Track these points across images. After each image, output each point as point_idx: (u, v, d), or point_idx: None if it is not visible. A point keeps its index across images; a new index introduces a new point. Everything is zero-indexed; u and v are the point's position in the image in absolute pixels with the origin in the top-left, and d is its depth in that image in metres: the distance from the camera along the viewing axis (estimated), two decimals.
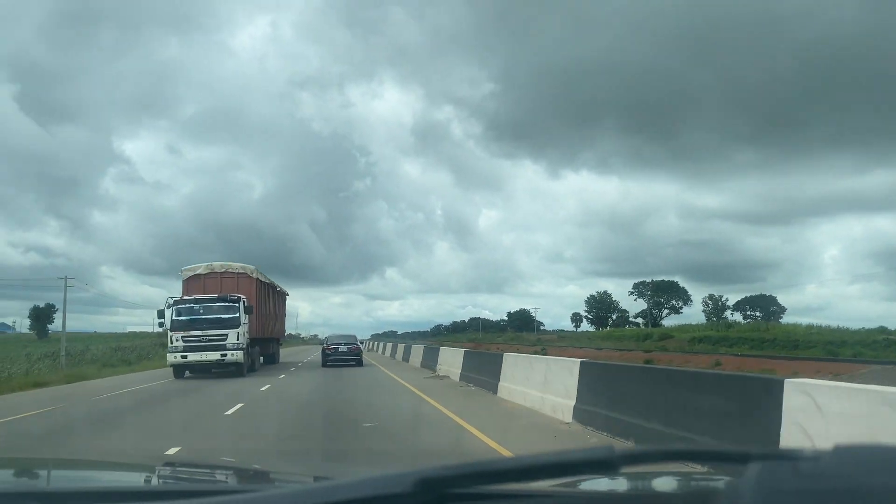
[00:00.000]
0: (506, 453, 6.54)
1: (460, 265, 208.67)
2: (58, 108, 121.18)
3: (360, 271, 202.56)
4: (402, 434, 8.47)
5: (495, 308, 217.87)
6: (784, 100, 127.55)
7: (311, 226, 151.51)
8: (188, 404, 12.84)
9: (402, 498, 0.87)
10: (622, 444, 6.70)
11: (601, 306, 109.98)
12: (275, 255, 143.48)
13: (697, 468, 1.92)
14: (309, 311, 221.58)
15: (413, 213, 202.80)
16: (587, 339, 69.87)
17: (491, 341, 77.10)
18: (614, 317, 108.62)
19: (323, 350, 28.40)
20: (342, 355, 26.76)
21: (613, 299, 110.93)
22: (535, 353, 31.46)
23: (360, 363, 26.88)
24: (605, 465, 0.85)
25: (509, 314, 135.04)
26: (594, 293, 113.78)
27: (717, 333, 54.00)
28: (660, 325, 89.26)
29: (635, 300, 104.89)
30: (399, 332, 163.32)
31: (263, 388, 15.60)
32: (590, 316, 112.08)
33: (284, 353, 52.38)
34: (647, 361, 30.22)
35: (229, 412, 10.81)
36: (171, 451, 6.16)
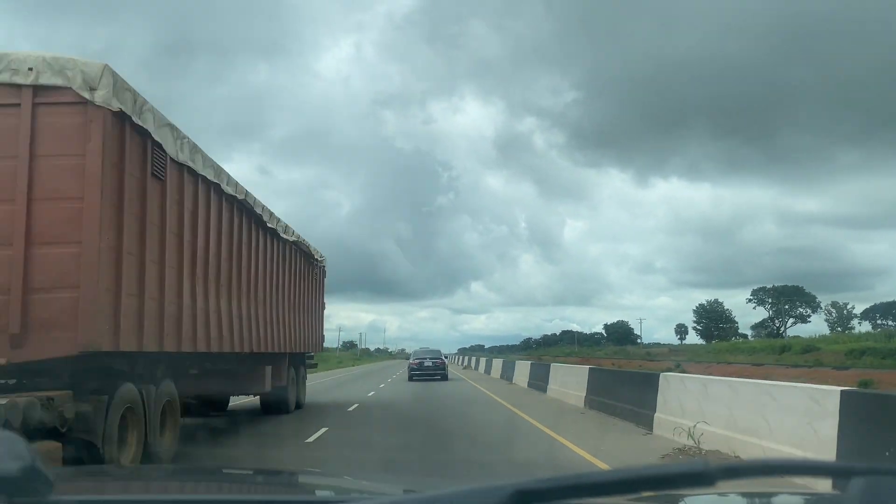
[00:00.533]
0: None
1: (546, 277, 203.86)
2: None
3: (445, 285, 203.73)
4: None
5: (583, 321, 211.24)
6: (891, 95, 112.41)
7: (397, 241, 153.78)
8: None
9: None
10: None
11: (712, 316, 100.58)
12: (363, 272, 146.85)
13: (797, 482, 2.04)
14: (396, 325, 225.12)
15: (497, 226, 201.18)
16: (712, 353, 62.24)
17: (590, 356, 71.67)
18: (725, 328, 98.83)
19: (409, 365, 29.39)
20: (427, 370, 27.51)
21: (725, 308, 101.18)
22: (673, 369, 26.93)
23: (445, 377, 27.51)
24: (700, 478, 0.85)
25: (606, 326, 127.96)
26: (703, 302, 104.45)
27: (881, 345, 45.67)
28: (782, 336, 79.69)
29: (754, 308, 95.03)
30: (486, 346, 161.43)
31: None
32: (699, 327, 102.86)
33: (371, 369, 51.08)
34: None
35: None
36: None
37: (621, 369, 20.17)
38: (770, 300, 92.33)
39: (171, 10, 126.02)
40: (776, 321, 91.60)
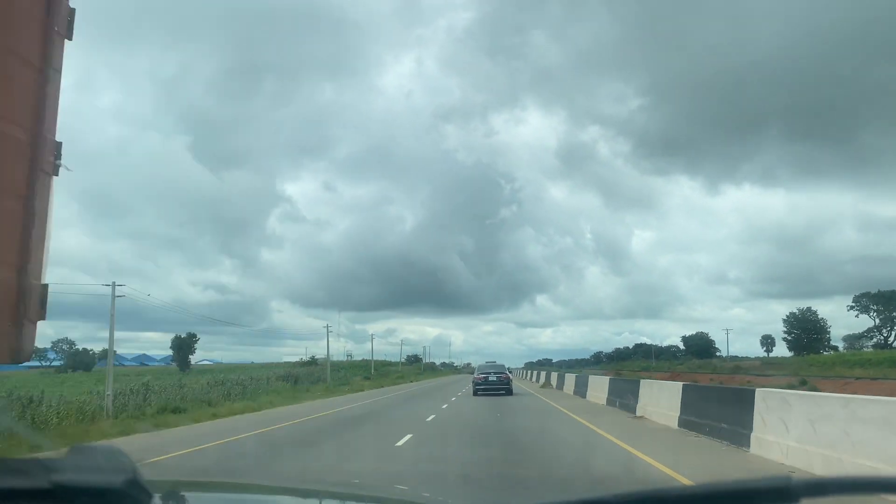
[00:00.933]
0: None
1: (614, 290, 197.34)
2: (227, 155, 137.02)
3: (510, 299, 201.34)
4: None
5: (653, 334, 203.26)
6: None
7: (461, 255, 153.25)
8: None
9: None
10: None
11: (805, 326, 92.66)
12: (427, 286, 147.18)
13: (891, 500, 2.07)
14: (462, 339, 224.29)
15: (561, 238, 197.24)
16: (816, 367, 56.24)
17: (670, 369, 67.35)
18: (816, 338, 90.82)
19: (473, 380, 29.57)
20: (492, 385, 27.51)
21: (819, 317, 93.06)
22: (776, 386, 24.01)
23: (509, 392, 27.26)
24: (783, 494, 0.85)
25: (684, 339, 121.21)
26: (794, 310, 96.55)
27: None
28: (892, 347, 72.01)
29: (857, 316, 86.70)
30: (554, 361, 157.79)
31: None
32: (789, 338, 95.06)
33: (436, 384, 50.69)
34: None
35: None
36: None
37: (724, 385, 17.75)
38: (875, 307, 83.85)
39: (238, 34, 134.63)
40: (883, 330, 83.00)
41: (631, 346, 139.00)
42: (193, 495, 1.99)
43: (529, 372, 70.03)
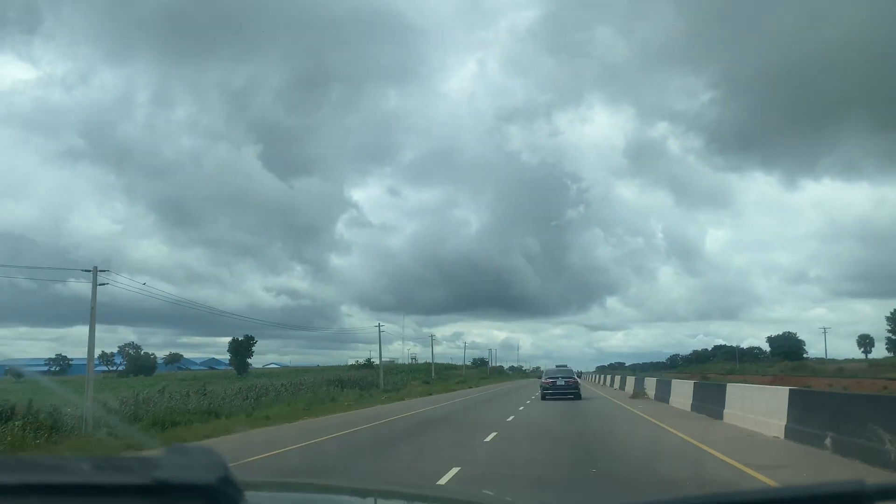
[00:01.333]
0: None
1: (687, 291, 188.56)
2: (296, 163, 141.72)
3: (578, 301, 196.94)
4: None
5: (730, 336, 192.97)
6: None
7: (527, 257, 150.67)
8: None
9: None
10: None
11: None
12: (493, 289, 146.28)
13: None
14: (530, 343, 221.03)
15: (632, 238, 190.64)
16: None
17: (758, 372, 62.88)
18: None
19: (541, 384, 29.90)
20: (560, 389, 27.74)
21: None
22: None
23: (578, 396, 27.35)
24: (856, 498, 0.86)
25: (770, 339, 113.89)
26: None
27: None
28: None
29: None
30: (627, 364, 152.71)
31: None
32: (894, 336, 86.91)
33: (501, 389, 47.29)
34: None
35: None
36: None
37: (852, 392, 15.75)
38: None
39: (305, 45, 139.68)
40: None
41: (710, 349, 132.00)
42: (284, 492, 2.09)
43: (602, 376, 67.66)
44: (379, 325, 52.29)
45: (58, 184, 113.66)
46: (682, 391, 21.51)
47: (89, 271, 20.21)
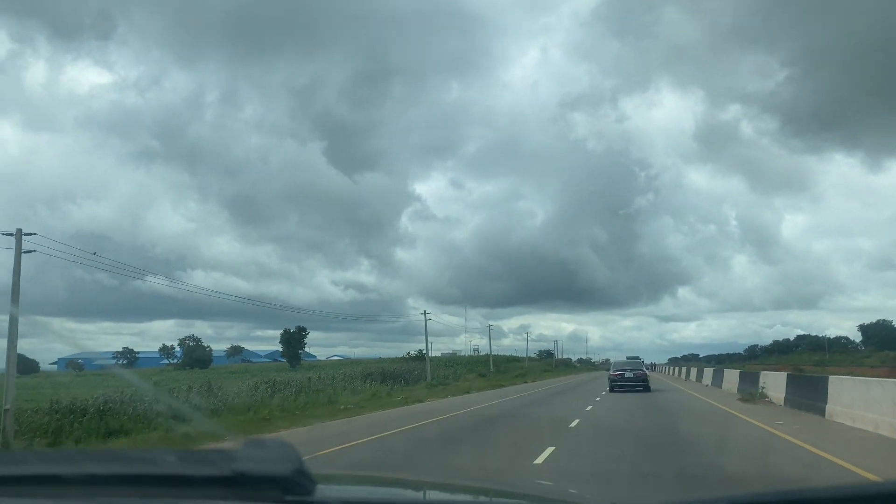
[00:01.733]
0: None
1: (763, 279, 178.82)
2: (360, 158, 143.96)
3: (649, 292, 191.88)
4: None
5: (809, 325, 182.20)
6: None
7: (594, 248, 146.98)
8: None
9: None
10: None
11: None
12: (560, 281, 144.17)
13: None
14: (599, 335, 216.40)
15: (703, 226, 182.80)
16: None
17: (854, 364, 58.08)
18: None
19: (609, 377, 29.58)
20: (628, 381, 27.51)
21: None
22: None
23: (646, 389, 27.03)
24: None
25: (862, 328, 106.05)
26: None
27: None
28: None
29: None
30: (701, 356, 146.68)
31: None
32: None
33: (568, 384, 44.33)
34: None
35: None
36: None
37: None
38: None
39: (367, 40, 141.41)
40: None
41: (791, 339, 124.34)
42: (356, 483, 2.25)
43: (675, 368, 64.78)
44: (425, 313, 48.07)
45: (135, 184, 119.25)
46: (772, 385, 19.67)
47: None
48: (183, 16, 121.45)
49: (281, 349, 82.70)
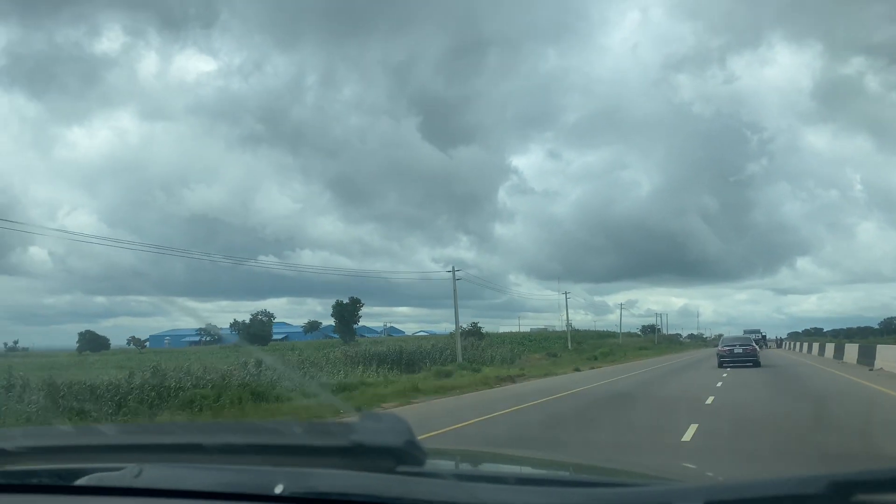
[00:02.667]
0: None
1: (893, 248, 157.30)
2: (456, 133, 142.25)
3: (764, 263, 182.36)
4: None
5: None
6: None
7: (704, 218, 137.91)
8: None
9: (812, 499, 0.97)
10: None
11: None
12: (668, 253, 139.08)
13: None
14: (711, 309, 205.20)
15: (824, 192, 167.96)
16: None
17: None
18: None
19: (717, 353, 29.83)
20: (738, 357, 27.91)
21: None
22: None
23: (756, 364, 27.35)
24: None
25: None
26: None
27: None
28: None
29: None
30: (825, 330, 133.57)
31: None
32: None
33: (662, 369, 34.07)
34: None
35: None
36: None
37: None
38: None
39: (461, 12, 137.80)
40: None
41: None
42: (467, 457, 2.36)
43: (795, 343, 57.61)
44: (453, 270, 39.00)
45: (243, 168, 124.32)
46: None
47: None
48: (281, 0, 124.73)
49: (365, 325, 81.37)
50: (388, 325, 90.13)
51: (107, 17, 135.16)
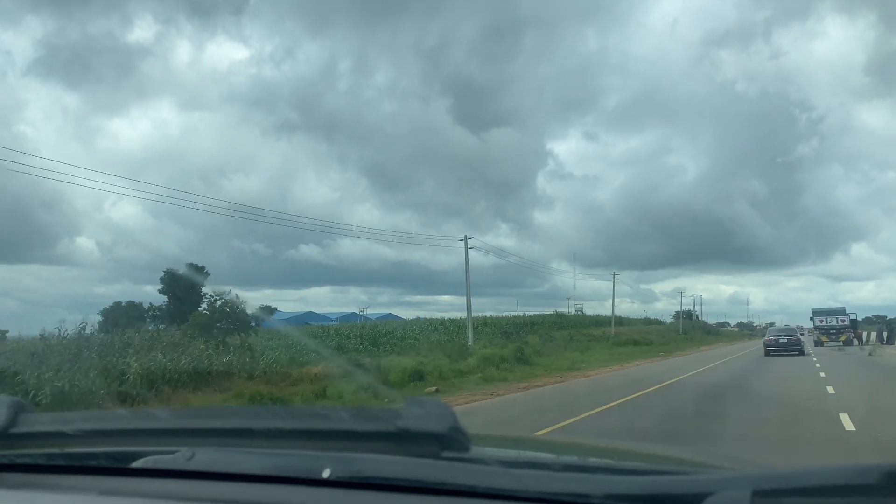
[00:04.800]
0: None
1: None
2: (492, 118, 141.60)
3: (817, 249, 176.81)
4: None
5: None
6: None
7: (751, 202, 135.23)
8: None
9: (866, 490, 0.98)
10: None
11: None
12: (715, 240, 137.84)
13: None
14: (762, 297, 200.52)
15: (881, 173, 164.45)
16: None
17: None
18: None
19: (764, 342, 33.93)
20: (783, 346, 31.63)
21: None
22: None
23: (801, 353, 31.11)
24: None
25: None
26: None
27: None
28: None
29: None
30: (887, 318, 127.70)
31: None
32: None
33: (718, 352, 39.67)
34: None
35: None
36: None
37: None
38: None
39: None
40: None
41: None
42: (511, 443, 2.45)
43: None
44: (465, 239, 36.24)
45: (279, 156, 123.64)
46: None
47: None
48: None
49: (391, 313, 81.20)
50: (364, 310, 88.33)
51: (137, 6, 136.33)
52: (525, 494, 1.18)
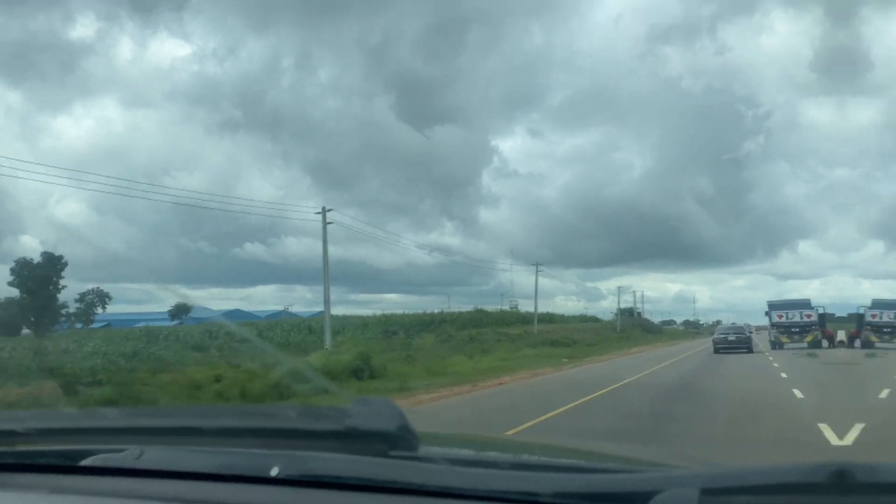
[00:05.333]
0: None
1: None
2: (437, 115, 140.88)
3: (764, 247, 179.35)
4: None
5: None
6: None
7: (698, 200, 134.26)
8: None
9: (816, 489, 1.00)
10: None
11: None
12: (662, 238, 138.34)
13: None
14: (708, 295, 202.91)
15: (828, 170, 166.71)
16: None
17: None
18: None
19: (713, 339, 35.77)
20: (731, 343, 32.75)
21: None
22: None
23: (749, 350, 32.25)
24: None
25: None
26: None
27: None
28: None
29: None
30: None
31: None
32: None
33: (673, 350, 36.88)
34: None
35: None
36: None
37: None
38: None
39: None
40: None
41: None
42: (458, 440, 2.41)
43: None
44: (324, 210, 31.38)
45: (223, 154, 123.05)
46: None
47: None
48: None
49: (320, 310, 76.51)
50: (289, 307, 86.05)
51: (79, 3, 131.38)
52: (474, 493, 1.19)
